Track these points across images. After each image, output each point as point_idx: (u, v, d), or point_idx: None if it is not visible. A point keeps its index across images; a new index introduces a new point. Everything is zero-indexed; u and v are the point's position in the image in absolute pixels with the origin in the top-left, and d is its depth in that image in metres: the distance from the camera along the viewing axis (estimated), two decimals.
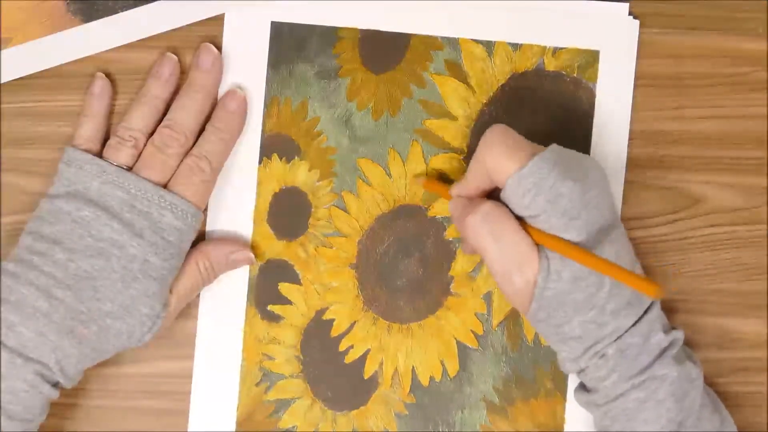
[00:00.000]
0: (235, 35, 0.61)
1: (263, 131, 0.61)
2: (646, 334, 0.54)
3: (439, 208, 0.62)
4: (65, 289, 0.54)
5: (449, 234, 0.62)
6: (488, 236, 0.53)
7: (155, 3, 0.61)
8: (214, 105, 0.60)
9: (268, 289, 0.62)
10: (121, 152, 0.57)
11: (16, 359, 0.53)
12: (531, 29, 0.61)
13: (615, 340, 0.53)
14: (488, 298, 0.61)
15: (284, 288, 0.62)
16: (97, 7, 0.61)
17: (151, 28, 0.61)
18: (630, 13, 0.61)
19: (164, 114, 0.59)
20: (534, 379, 0.61)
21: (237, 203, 0.61)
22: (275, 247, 0.62)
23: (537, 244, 0.53)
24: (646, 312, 0.54)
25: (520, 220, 0.54)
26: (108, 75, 0.61)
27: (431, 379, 0.61)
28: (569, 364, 0.55)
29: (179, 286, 0.58)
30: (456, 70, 0.61)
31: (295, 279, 0.62)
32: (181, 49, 0.61)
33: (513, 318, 0.61)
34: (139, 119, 0.58)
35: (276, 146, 0.61)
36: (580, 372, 0.55)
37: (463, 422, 0.61)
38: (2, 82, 0.61)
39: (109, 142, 0.58)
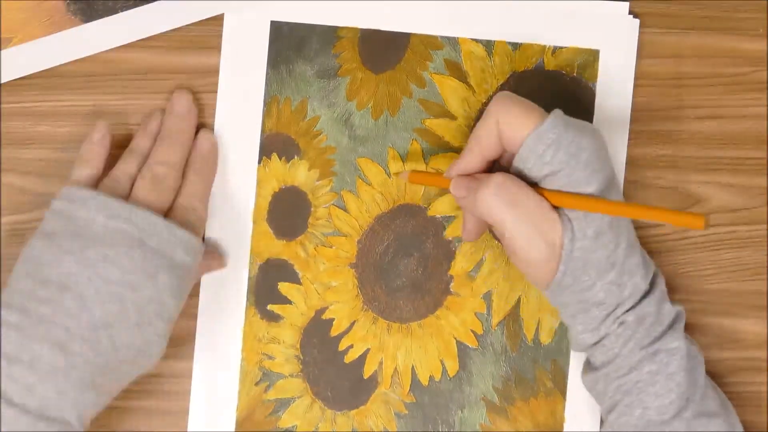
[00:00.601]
0: (235, 35, 0.61)
1: (263, 131, 0.61)
2: (660, 303, 0.54)
3: (439, 208, 0.62)
4: (81, 342, 0.51)
5: (449, 233, 0.62)
6: (505, 207, 0.52)
7: (155, 3, 0.61)
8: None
9: (267, 288, 0.62)
10: (116, 190, 0.56)
11: (38, 423, 0.50)
12: (530, 28, 0.61)
13: (633, 307, 0.53)
14: (488, 297, 0.61)
15: (284, 287, 0.62)
16: (97, 7, 0.61)
17: (151, 28, 0.61)
18: (630, 12, 0.61)
19: None
20: (534, 379, 0.61)
21: (236, 203, 0.61)
22: (275, 247, 0.62)
23: (555, 207, 0.53)
24: (654, 282, 0.55)
25: (533, 186, 0.53)
26: (108, 74, 0.61)
27: (431, 378, 0.61)
28: (588, 335, 0.55)
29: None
30: (456, 70, 0.61)
31: (294, 278, 0.62)
32: (181, 49, 0.61)
33: (512, 317, 0.61)
34: (130, 164, 0.58)
35: (275, 146, 0.61)
36: (597, 343, 0.55)
37: (462, 422, 0.61)
38: (2, 82, 0.61)
39: (103, 182, 0.57)
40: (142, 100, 0.62)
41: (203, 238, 0.61)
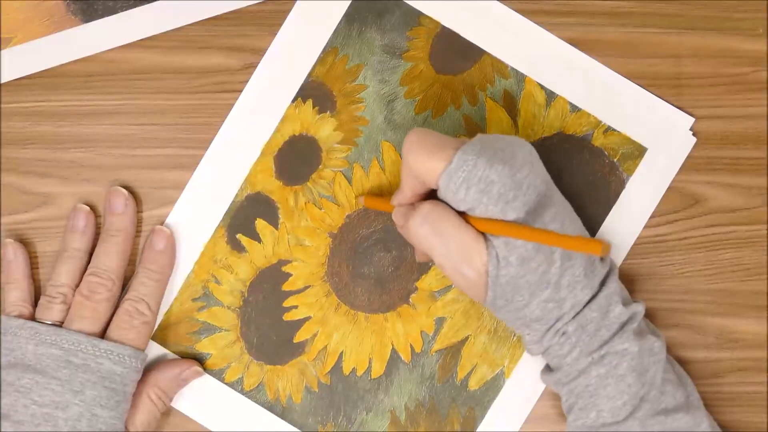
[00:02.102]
0: None
1: (309, 74, 0.61)
2: (605, 308, 0.54)
3: None
4: None
5: None
6: (432, 236, 0.53)
7: (155, 3, 0.61)
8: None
9: (244, 218, 0.61)
10: (52, 310, 0.58)
11: None
12: (596, 99, 0.61)
13: (574, 317, 0.54)
14: (440, 322, 0.61)
15: (260, 225, 0.61)
16: (97, 7, 0.61)
17: (151, 28, 0.61)
18: (691, 129, 0.61)
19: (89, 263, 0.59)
20: (445, 416, 0.61)
21: (254, 128, 0.61)
22: (270, 184, 0.61)
23: (482, 234, 0.53)
24: (603, 285, 0.54)
25: (461, 213, 0.54)
26: (108, 74, 0.61)
27: (353, 370, 0.61)
28: (534, 347, 0.56)
29: (137, 423, 0.58)
30: (510, 103, 0.61)
31: (273, 221, 0.62)
32: (181, 49, 0.62)
33: (453, 351, 0.61)
34: (64, 275, 0.58)
35: (315, 94, 0.62)
36: (544, 352, 0.56)
37: (363, 424, 0.61)
38: (2, 82, 0.61)
39: (39, 303, 0.58)
40: (142, 100, 0.62)
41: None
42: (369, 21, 0.62)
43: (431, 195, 0.56)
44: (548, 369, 0.57)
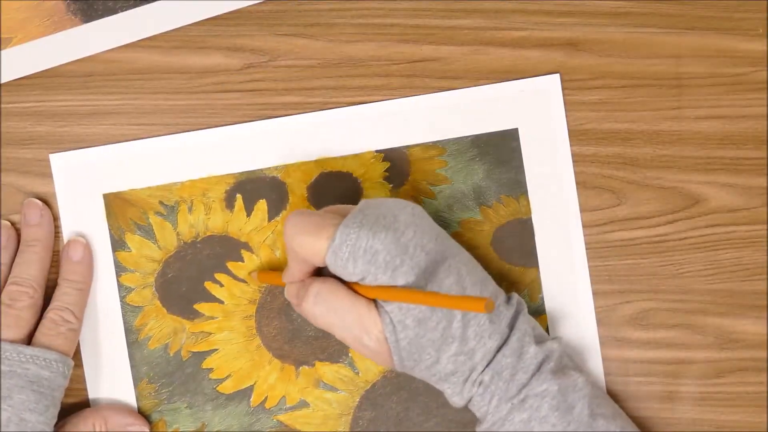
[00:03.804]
0: (510, 92, 0.61)
1: (407, 147, 0.61)
2: (518, 351, 0.54)
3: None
4: None
5: None
6: (327, 313, 0.54)
7: (155, 3, 0.61)
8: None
9: (255, 190, 0.61)
10: None
11: None
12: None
13: (488, 365, 0.53)
14: (303, 404, 0.61)
15: (260, 205, 0.61)
16: (97, 7, 0.61)
17: (151, 28, 0.61)
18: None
19: None
20: None
21: (331, 137, 0.61)
22: (298, 187, 0.61)
23: (373, 301, 0.53)
24: (513, 327, 0.54)
25: (354, 283, 0.54)
26: (108, 74, 0.61)
27: (210, 370, 0.61)
28: (456, 399, 0.55)
29: None
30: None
31: (274, 213, 0.61)
32: (181, 49, 0.61)
33: None
34: None
35: (396, 163, 0.61)
36: (467, 404, 0.55)
37: (174, 412, 0.61)
38: (2, 82, 0.61)
39: None
40: (142, 100, 0.62)
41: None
42: (487, 158, 0.61)
43: (320, 269, 0.56)
44: (479, 420, 0.56)
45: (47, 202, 0.61)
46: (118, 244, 0.61)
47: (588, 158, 0.62)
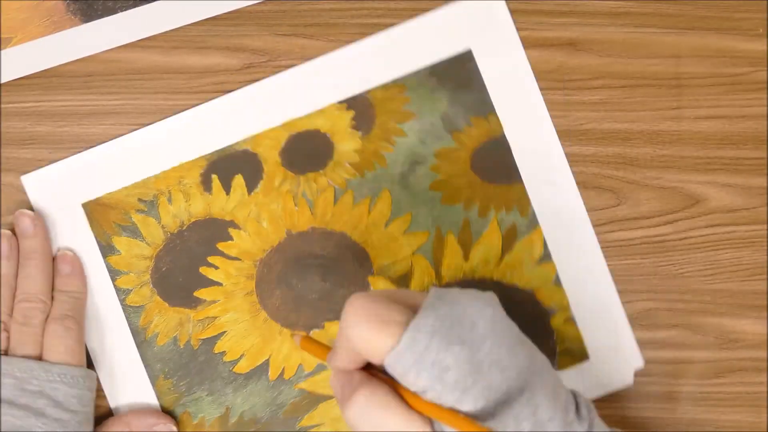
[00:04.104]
0: (448, 18, 0.61)
1: (368, 91, 0.61)
2: None
3: (378, 285, 0.61)
4: None
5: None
6: (370, 426, 0.46)
7: (155, 3, 0.61)
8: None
9: (229, 167, 0.61)
10: None
11: None
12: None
13: None
14: (320, 368, 0.61)
15: (237, 181, 0.61)
16: (97, 7, 0.61)
17: (151, 28, 0.61)
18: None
19: None
20: None
21: (289, 100, 0.61)
22: (270, 156, 0.61)
23: (430, 421, 0.46)
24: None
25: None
26: (108, 74, 0.61)
27: (223, 353, 0.61)
28: None
29: None
30: (510, 238, 0.61)
31: (252, 186, 0.61)
32: (181, 49, 0.62)
33: (311, 401, 0.61)
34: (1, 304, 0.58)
35: (360, 109, 0.61)
36: None
37: (197, 401, 0.61)
38: (2, 82, 0.61)
39: None
40: (142, 100, 0.62)
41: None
42: (448, 85, 0.61)
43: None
44: None
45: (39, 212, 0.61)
46: (107, 250, 0.61)
47: (588, 158, 0.62)
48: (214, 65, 0.62)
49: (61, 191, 0.61)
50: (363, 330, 0.46)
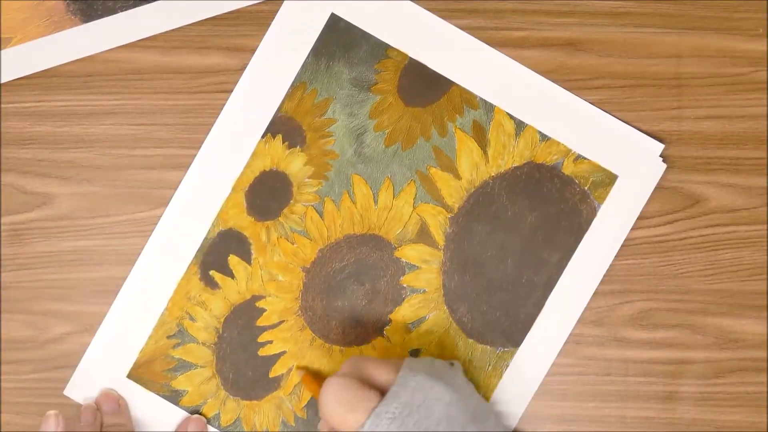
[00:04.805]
0: (292, 11, 0.61)
1: (279, 110, 0.61)
2: None
3: (407, 253, 0.61)
4: None
5: (405, 281, 0.61)
6: None
7: (155, 3, 0.61)
8: None
9: (217, 255, 0.61)
10: None
11: None
12: (565, 128, 0.61)
13: None
14: (414, 354, 0.61)
15: (233, 261, 0.61)
16: (97, 7, 0.61)
17: (151, 28, 0.61)
18: (662, 156, 0.61)
19: None
20: None
21: (225, 165, 0.61)
22: (242, 220, 0.61)
23: None
24: None
25: None
26: (108, 74, 0.61)
27: None
28: None
29: None
30: (480, 134, 0.61)
31: (246, 257, 0.61)
32: (181, 49, 0.62)
33: None
34: None
35: (284, 129, 0.61)
36: None
37: None
38: (2, 82, 0.61)
39: None
40: (142, 100, 0.62)
41: None
42: (337, 55, 0.61)
43: None
44: None
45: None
46: (175, 396, 0.61)
47: None
48: (214, 65, 0.62)
49: (103, 380, 0.61)
50: (335, 413, 0.53)
